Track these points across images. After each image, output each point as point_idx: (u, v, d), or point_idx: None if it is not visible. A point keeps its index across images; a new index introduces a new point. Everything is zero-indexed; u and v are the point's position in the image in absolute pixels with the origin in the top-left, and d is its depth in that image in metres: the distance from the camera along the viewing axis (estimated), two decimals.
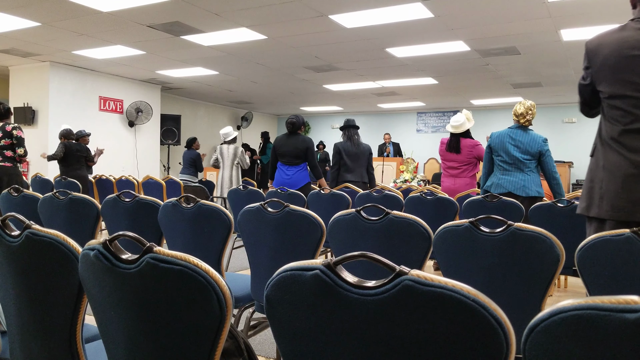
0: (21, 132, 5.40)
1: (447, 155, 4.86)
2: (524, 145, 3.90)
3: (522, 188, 3.88)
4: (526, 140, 3.91)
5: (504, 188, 3.91)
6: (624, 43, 2.06)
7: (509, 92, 10.38)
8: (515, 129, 3.98)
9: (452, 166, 4.85)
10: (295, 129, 5.17)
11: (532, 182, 3.89)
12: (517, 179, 3.90)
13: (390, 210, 2.03)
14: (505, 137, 3.97)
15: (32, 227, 1.19)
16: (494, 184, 3.99)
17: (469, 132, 4.87)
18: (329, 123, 15.16)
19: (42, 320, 1.23)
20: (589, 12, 5.37)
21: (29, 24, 6.32)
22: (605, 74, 2.11)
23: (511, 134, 3.96)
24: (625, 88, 2.06)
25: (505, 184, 3.93)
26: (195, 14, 5.74)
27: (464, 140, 4.81)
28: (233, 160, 6.73)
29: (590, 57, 2.18)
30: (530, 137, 3.92)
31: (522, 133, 3.94)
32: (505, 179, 3.94)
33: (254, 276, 2.32)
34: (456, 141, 4.80)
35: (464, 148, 4.77)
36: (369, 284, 0.81)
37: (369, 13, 5.56)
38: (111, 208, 2.63)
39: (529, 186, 3.88)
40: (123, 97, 9.91)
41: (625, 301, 0.62)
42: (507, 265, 1.73)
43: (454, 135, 4.83)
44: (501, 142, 3.98)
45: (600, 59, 2.13)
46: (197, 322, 0.93)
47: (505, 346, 0.73)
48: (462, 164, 4.80)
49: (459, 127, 4.79)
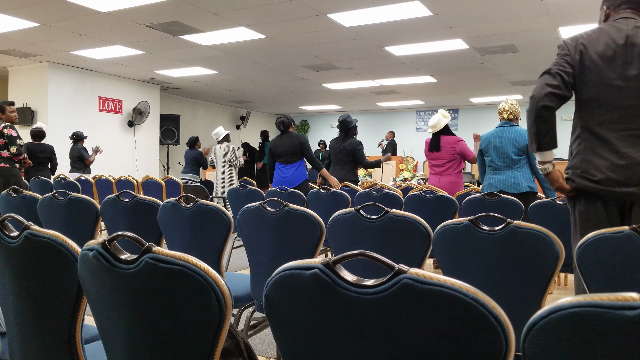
0: (12, 131, 5.28)
1: (430, 154, 4.95)
2: (511, 140, 3.98)
3: (513, 185, 3.94)
4: (512, 136, 3.99)
5: (495, 187, 3.99)
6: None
7: (507, 90, 10.39)
8: (501, 127, 4.08)
9: (437, 164, 4.92)
10: (286, 127, 5.24)
11: (522, 178, 3.94)
12: (507, 176, 3.97)
13: (390, 208, 2.03)
14: (493, 137, 4.08)
15: (31, 228, 1.19)
16: (487, 185, 4.09)
17: (448, 128, 4.94)
18: (328, 122, 15.17)
19: (42, 321, 1.23)
20: (587, 10, 5.36)
21: (27, 24, 6.31)
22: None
23: (498, 132, 4.07)
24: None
25: (496, 183, 4.01)
26: (194, 13, 5.73)
27: (445, 138, 4.87)
28: (224, 159, 6.77)
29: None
30: (517, 131, 4.01)
31: (508, 129, 4.03)
32: (496, 178, 4.03)
33: (253, 276, 2.32)
34: (436, 140, 4.88)
35: (445, 145, 4.84)
36: (368, 283, 0.81)
37: (367, 12, 5.55)
38: (110, 208, 2.63)
39: (519, 182, 3.93)
40: (122, 97, 9.90)
41: (625, 298, 0.62)
42: (506, 263, 1.73)
43: (434, 135, 4.91)
44: (489, 142, 4.09)
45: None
46: (196, 322, 0.93)
47: (504, 344, 0.73)
48: (446, 162, 4.85)
49: (435, 125, 4.87)
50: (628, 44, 2.11)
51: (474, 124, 12.48)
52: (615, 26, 2.17)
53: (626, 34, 2.13)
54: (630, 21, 2.16)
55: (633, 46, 2.10)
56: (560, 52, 2.24)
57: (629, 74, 2.10)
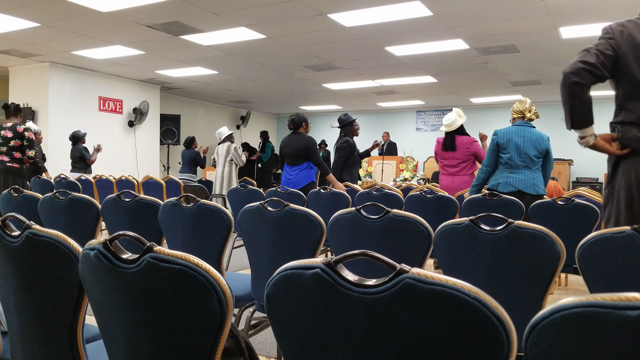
0: (32, 134, 5.42)
1: (443, 154, 4.85)
2: (533, 142, 3.87)
3: (532, 186, 3.84)
4: (535, 137, 3.89)
5: (513, 187, 3.84)
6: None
7: (508, 90, 10.38)
8: (521, 125, 3.94)
9: (450, 164, 4.84)
10: (295, 126, 5.19)
11: (539, 181, 3.89)
12: (526, 177, 3.85)
13: (390, 208, 2.03)
14: (514, 134, 3.90)
15: (32, 228, 1.19)
16: (503, 183, 3.90)
17: (463, 128, 4.85)
18: (328, 122, 15.14)
19: (43, 321, 1.23)
20: (588, 10, 5.36)
21: (28, 24, 6.31)
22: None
23: (519, 131, 3.91)
24: None
25: (514, 182, 3.85)
26: (194, 13, 5.73)
27: (460, 138, 4.79)
28: (226, 158, 6.79)
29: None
30: (538, 134, 3.91)
31: (529, 130, 3.91)
32: (515, 177, 3.86)
33: (254, 275, 2.32)
34: (451, 139, 4.80)
35: (460, 145, 4.76)
36: (370, 283, 0.81)
37: (368, 12, 5.55)
38: (111, 208, 2.63)
39: (538, 184, 3.86)
40: (122, 97, 9.90)
41: (627, 298, 0.62)
42: (507, 263, 1.73)
43: (448, 134, 4.83)
44: (510, 139, 3.90)
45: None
46: (197, 322, 0.93)
47: (506, 344, 0.73)
48: (460, 162, 4.79)
49: (451, 124, 4.78)
50: None
51: (474, 124, 12.44)
52: None
53: None
54: None
55: None
56: (604, 36, 2.20)
57: None
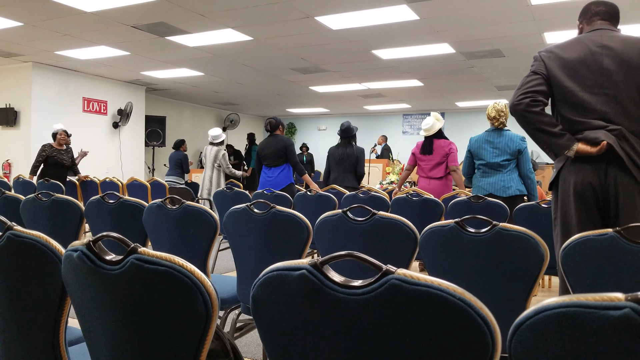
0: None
1: (421, 157, 4.95)
2: (501, 146, 4.03)
3: (502, 189, 4.00)
4: (503, 142, 4.04)
5: (484, 190, 4.05)
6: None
7: (493, 94, 10.47)
8: (491, 132, 4.13)
9: (426, 167, 4.92)
10: (273, 129, 5.29)
11: (511, 181, 4.01)
12: (496, 179, 4.03)
13: (377, 211, 2.03)
14: (482, 141, 4.12)
15: (14, 229, 1.17)
16: (476, 187, 4.15)
17: (441, 132, 4.95)
18: (315, 125, 15.17)
19: (25, 323, 1.21)
20: (573, 15, 5.43)
21: (10, 23, 6.23)
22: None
23: (488, 137, 4.11)
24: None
25: (485, 185, 4.07)
26: (181, 14, 5.70)
27: (437, 141, 4.88)
28: (213, 162, 6.69)
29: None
30: (507, 137, 4.06)
31: (497, 135, 4.08)
32: (485, 181, 4.09)
33: (239, 278, 2.30)
34: (429, 143, 4.89)
35: (436, 149, 4.85)
36: (356, 284, 0.81)
37: (354, 15, 5.57)
38: (95, 210, 2.60)
39: (508, 185, 4.00)
40: (107, 99, 9.81)
41: (610, 298, 0.63)
42: (492, 264, 1.74)
43: (427, 138, 4.92)
44: (479, 146, 4.13)
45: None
46: (182, 323, 0.92)
47: (491, 344, 0.73)
48: (436, 164, 4.87)
49: (429, 129, 4.86)
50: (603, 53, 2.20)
51: (460, 128, 12.58)
52: (588, 37, 2.28)
53: (600, 43, 2.21)
54: (604, 32, 2.26)
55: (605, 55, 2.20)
56: (533, 63, 2.36)
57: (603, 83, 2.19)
